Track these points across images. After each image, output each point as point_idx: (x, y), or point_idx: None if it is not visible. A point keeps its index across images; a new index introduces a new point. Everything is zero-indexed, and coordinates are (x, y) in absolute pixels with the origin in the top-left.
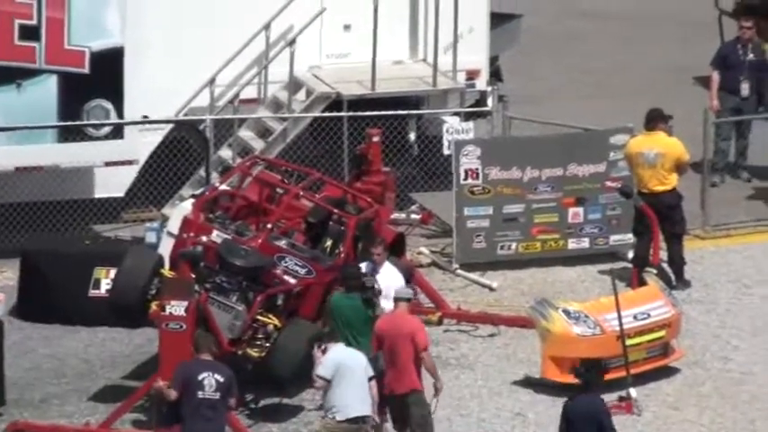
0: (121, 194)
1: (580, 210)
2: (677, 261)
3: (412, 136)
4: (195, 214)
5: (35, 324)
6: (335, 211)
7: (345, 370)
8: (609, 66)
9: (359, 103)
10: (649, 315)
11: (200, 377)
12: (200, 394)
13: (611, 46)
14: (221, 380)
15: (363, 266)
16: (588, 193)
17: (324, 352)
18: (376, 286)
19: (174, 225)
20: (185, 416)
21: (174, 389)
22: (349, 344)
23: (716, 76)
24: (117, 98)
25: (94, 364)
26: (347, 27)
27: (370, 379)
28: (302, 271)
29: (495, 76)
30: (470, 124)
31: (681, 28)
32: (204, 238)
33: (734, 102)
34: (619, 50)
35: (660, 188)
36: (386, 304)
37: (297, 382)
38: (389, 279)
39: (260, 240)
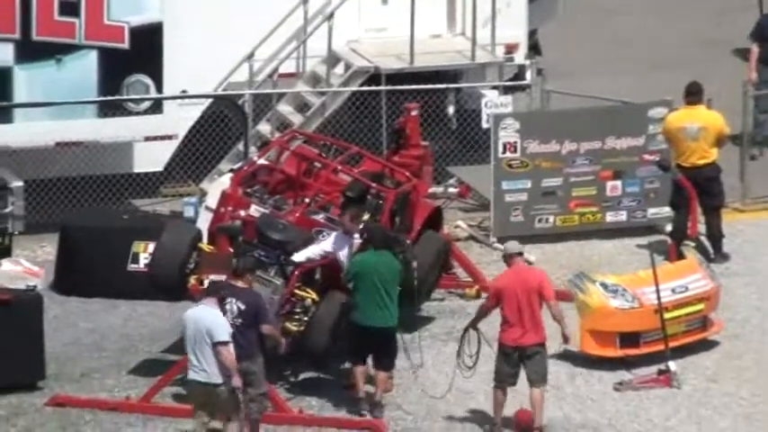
0: (160, 169)
1: (618, 183)
2: (716, 234)
3: (450, 110)
4: (233, 188)
5: (75, 298)
6: (373, 185)
7: (186, 330)
8: (647, 39)
9: (397, 77)
10: (687, 288)
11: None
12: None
13: (649, 19)
14: (242, 307)
15: (334, 235)
16: (626, 166)
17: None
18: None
19: (212, 199)
20: None
21: None
22: (381, 299)
23: (755, 49)
24: (156, 73)
25: (134, 338)
26: (385, 1)
27: (215, 344)
28: None
29: (534, 49)
30: (509, 98)
31: (719, 0)
32: (242, 213)
33: None
34: (657, 23)
35: (701, 162)
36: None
37: (334, 355)
38: None
39: (298, 214)
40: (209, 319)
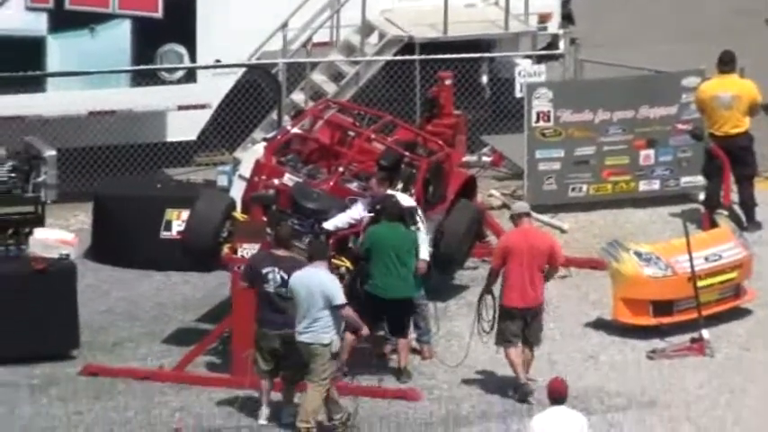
0: (194, 138)
1: (651, 152)
2: (748, 203)
3: (484, 79)
4: (267, 157)
5: (108, 267)
6: (407, 153)
7: (295, 290)
8: (680, 8)
9: (431, 46)
10: (721, 256)
11: (264, 270)
12: (265, 287)
13: None
14: (285, 276)
15: (361, 202)
16: (659, 135)
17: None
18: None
19: (246, 168)
20: (258, 303)
21: (243, 280)
22: (398, 270)
23: None
24: (190, 42)
25: (167, 307)
26: None
27: (336, 307)
28: None
29: (567, 18)
30: (542, 67)
31: None
32: (276, 182)
33: None
34: None
35: (734, 131)
36: None
37: (369, 323)
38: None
39: (332, 183)
40: (324, 283)
